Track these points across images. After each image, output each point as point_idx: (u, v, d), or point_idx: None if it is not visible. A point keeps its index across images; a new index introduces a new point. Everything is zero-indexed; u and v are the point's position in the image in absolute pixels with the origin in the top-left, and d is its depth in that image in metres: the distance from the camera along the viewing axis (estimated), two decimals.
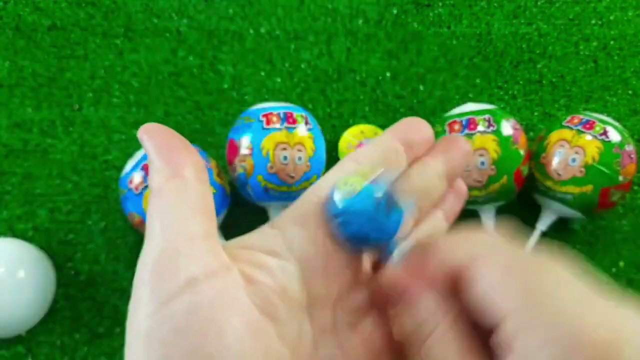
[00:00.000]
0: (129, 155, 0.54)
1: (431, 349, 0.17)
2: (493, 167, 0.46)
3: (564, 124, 0.49)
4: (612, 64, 0.59)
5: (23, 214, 0.52)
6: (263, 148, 0.46)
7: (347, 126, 0.56)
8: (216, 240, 0.18)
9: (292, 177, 0.46)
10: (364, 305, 0.20)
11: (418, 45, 0.59)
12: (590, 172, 0.46)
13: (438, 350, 0.17)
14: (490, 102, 0.57)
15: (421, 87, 0.58)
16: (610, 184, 0.46)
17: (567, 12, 0.61)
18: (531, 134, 0.56)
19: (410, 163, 0.21)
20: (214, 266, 0.17)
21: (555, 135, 0.48)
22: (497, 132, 0.46)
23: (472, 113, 0.48)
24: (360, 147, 0.54)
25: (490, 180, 0.46)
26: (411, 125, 0.21)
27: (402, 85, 0.58)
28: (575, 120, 0.48)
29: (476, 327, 0.17)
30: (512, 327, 0.15)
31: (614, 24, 0.60)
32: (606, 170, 0.46)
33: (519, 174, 0.47)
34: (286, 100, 0.57)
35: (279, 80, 0.58)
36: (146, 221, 0.18)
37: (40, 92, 0.56)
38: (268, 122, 0.47)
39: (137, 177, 0.45)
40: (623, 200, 0.54)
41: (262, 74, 0.58)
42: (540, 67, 0.59)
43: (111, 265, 0.51)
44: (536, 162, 0.49)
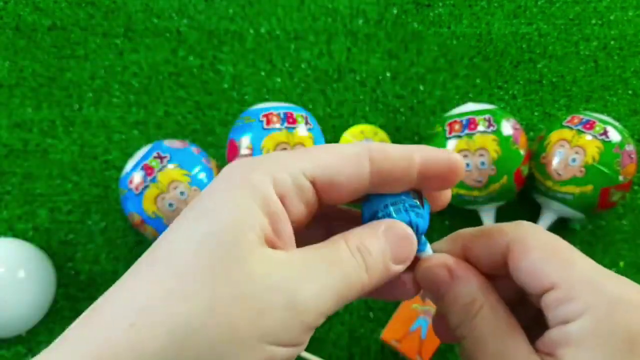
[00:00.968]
0: (129, 155, 0.54)
1: (479, 325, 0.20)
2: (493, 167, 0.46)
3: (564, 124, 0.49)
4: (612, 63, 0.59)
5: (23, 214, 0.52)
6: (263, 148, 0.46)
7: (347, 126, 0.56)
8: None
9: None
10: None
11: (418, 45, 0.59)
12: (591, 172, 0.46)
13: (486, 326, 0.20)
14: (491, 102, 0.57)
15: (421, 87, 0.58)
16: (611, 184, 0.46)
17: (568, 12, 0.61)
18: (531, 133, 0.56)
19: None
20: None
21: (555, 135, 0.48)
22: (498, 132, 0.46)
23: (472, 113, 0.48)
24: None
25: (491, 180, 0.46)
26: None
27: (402, 85, 0.58)
28: (576, 120, 0.48)
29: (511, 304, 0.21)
30: (558, 295, 0.18)
31: (614, 23, 0.60)
32: (606, 170, 0.46)
33: (519, 173, 0.47)
34: (286, 100, 0.57)
35: (279, 80, 0.58)
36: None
37: (41, 92, 0.56)
38: (268, 122, 0.47)
39: (137, 177, 0.45)
40: (623, 200, 0.54)
41: (262, 74, 0.58)
42: (541, 67, 0.59)
43: (111, 265, 0.51)
44: (536, 162, 0.49)
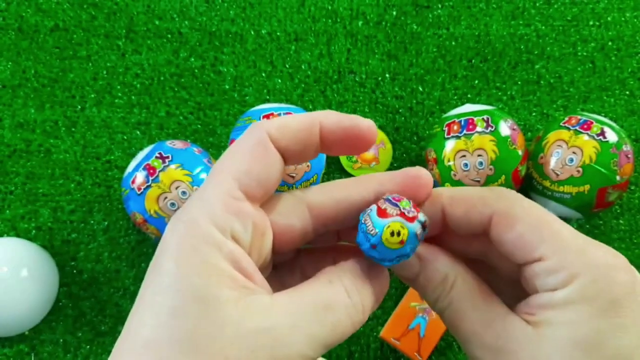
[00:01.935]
0: (132, 155, 0.55)
1: (455, 298, 0.20)
2: (491, 167, 0.46)
3: (561, 124, 0.49)
4: (609, 64, 0.59)
5: (26, 214, 0.52)
6: None
7: None
8: None
9: (293, 177, 0.47)
10: None
11: (417, 46, 0.60)
12: (588, 172, 0.46)
13: (462, 297, 0.20)
14: (489, 103, 0.58)
15: (420, 88, 0.58)
16: (608, 184, 0.46)
17: (565, 14, 0.61)
18: (529, 134, 0.57)
19: None
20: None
21: (553, 136, 0.49)
22: (495, 133, 0.47)
23: (471, 114, 0.48)
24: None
25: (489, 180, 0.47)
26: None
27: (401, 86, 0.58)
28: (573, 121, 0.49)
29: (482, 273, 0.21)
30: (546, 266, 0.19)
31: (612, 25, 0.61)
32: (603, 170, 0.46)
33: (516, 174, 0.47)
34: (287, 101, 0.57)
35: (279, 81, 0.58)
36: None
37: (43, 92, 0.57)
38: None
39: (139, 177, 0.45)
40: (620, 200, 0.54)
41: (263, 75, 0.58)
42: (538, 68, 0.59)
43: (113, 264, 0.51)
44: (534, 162, 0.50)
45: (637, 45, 0.60)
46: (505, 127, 0.47)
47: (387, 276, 0.21)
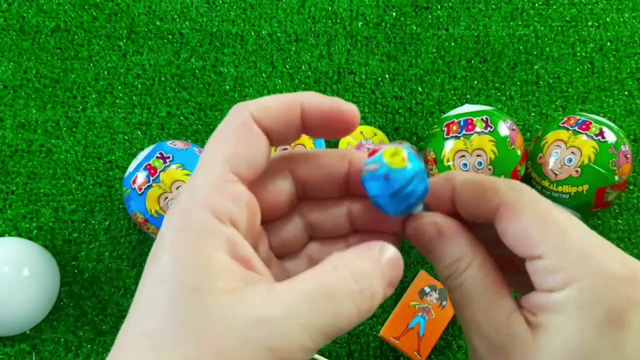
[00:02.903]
0: (133, 155, 0.55)
1: (466, 281, 0.20)
2: (490, 167, 0.47)
3: (560, 124, 0.49)
4: (608, 65, 0.60)
5: (28, 213, 0.53)
6: None
7: None
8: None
9: None
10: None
11: (417, 47, 0.60)
12: (587, 172, 0.47)
13: (473, 282, 0.20)
14: (488, 104, 0.58)
15: (420, 89, 0.59)
16: (606, 184, 0.47)
17: (564, 14, 0.62)
18: (528, 134, 0.57)
19: None
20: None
21: (551, 136, 0.49)
22: (495, 133, 0.47)
23: (470, 114, 0.48)
24: (359, 149, 0.55)
25: None
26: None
27: (400, 87, 0.59)
28: (572, 121, 0.49)
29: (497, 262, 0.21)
30: (545, 265, 0.18)
31: (610, 25, 0.61)
32: (602, 170, 0.46)
33: (515, 174, 0.48)
34: None
35: (279, 81, 0.58)
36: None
37: (45, 93, 0.57)
38: None
39: (140, 177, 0.46)
40: (619, 199, 0.54)
41: (264, 75, 0.59)
42: (537, 69, 0.59)
43: (115, 263, 0.52)
44: (533, 162, 0.50)
45: (635, 46, 0.60)
46: (504, 128, 0.47)
47: (400, 259, 0.19)
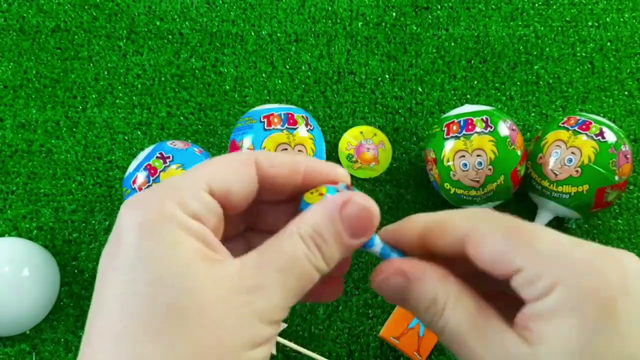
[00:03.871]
0: (133, 155, 0.55)
1: (448, 321, 0.19)
2: (490, 167, 0.47)
3: (560, 124, 0.49)
4: (608, 65, 0.60)
5: (28, 214, 0.53)
6: (264, 149, 0.46)
7: (347, 127, 0.56)
8: None
9: None
10: None
11: (417, 47, 0.60)
12: (586, 172, 0.47)
13: (455, 320, 0.19)
14: (488, 104, 0.58)
15: (420, 89, 0.59)
16: (606, 184, 0.47)
17: (564, 14, 0.62)
18: (528, 134, 0.57)
19: None
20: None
21: (552, 136, 0.49)
22: (495, 133, 0.47)
23: (470, 114, 0.48)
24: (359, 148, 0.55)
25: (488, 180, 0.47)
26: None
27: (401, 87, 0.59)
28: (572, 121, 0.49)
29: (478, 283, 0.20)
30: (525, 277, 0.18)
31: (610, 25, 0.61)
32: (602, 171, 0.46)
33: (515, 174, 0.48)
34: (287, 101, 0.58)
35: (279, 81, 0.58)
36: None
37: (45, 93, 0.57)
38: (269, 124, 0.47)
39: (140, 177, 0.46)
40: (619, 199, 0.54)
41: (264, 75, 0.59)
42: (537, 69, 0.59)
43: None
44: (533, 162, 0.50)
45: (635, 46, 0.60)
46: (504, 128, 0.47)
47: (366, 209, 0.20)
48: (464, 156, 0.47)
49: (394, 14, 0.61)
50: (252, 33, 0.60)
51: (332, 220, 0.19)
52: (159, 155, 0.46)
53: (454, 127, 0.48)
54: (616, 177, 0.47)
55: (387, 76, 0.59)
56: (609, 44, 0.60)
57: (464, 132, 0.47)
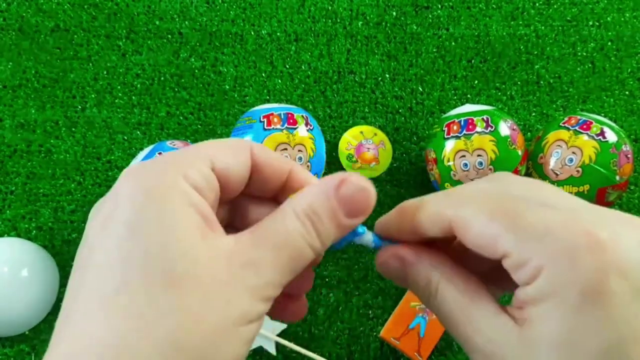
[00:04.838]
0: (132, 155, 0.55)
1: (441, 302, 0.20)
2: (491, 167, 0.46)
3: (561, 124, 0.49)
4: (609, 65, 0.59)
5: (27, 214, 0.53)
6: None
7: (347, 127, 0.56)
8: None
9: None
10: None
11: (417, 47, 0.60)
12: (587, 172, 0.46)
13: (447, 301, 0.20)
14: (488, 103, 0.58)
15: (420, 88, 0.58)
16: (607, 184, 0.46)
17: (565, 14, 0.61)
18: (529, 134, 0.57)
19: None
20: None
21: (552, 136, 0.49)
22: (495, 133, 0.47)
23: (470, 114, 0.48)
24: (359, 148, 0.55)
25: None
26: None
27: (401, 87, 0.58)
28: (573, 121, 0.49)
29: (469, 263, 0.21)
30: (512, 262, 0.18)
31: (611, 25, 0.61)
32: (603, 170, 0.46)
33: (516, 174, 0.48)
34: (287, 101, 0.58)
35: (279, 81, 0.58)
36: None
37: (44, 93, 0.57)
38: (269, 123, 0.47)
39: None
40: (620, 200, 0.54)
41: (263, 75, 0.58)
42: (538, 68, 0.59)
43: None
44: (534, 162, 0.50)
45: (636, 46, 0.60)
46: (505, 127, 0.47)
47: (363, 190, 0.19)
48: (464, 156, 0.47)
49: (394, 13, 0.61)
50: (252, 32, 0.60)
51: (328, 198, 0.19)
52: (158, 155, 0.46)
53: (455, 127, 0.48)
54: (617, 177, 0.47)
55: (387, 76, 0.59)
56: (609, 43, 0.60)
57: (464, 132, 0.47)
